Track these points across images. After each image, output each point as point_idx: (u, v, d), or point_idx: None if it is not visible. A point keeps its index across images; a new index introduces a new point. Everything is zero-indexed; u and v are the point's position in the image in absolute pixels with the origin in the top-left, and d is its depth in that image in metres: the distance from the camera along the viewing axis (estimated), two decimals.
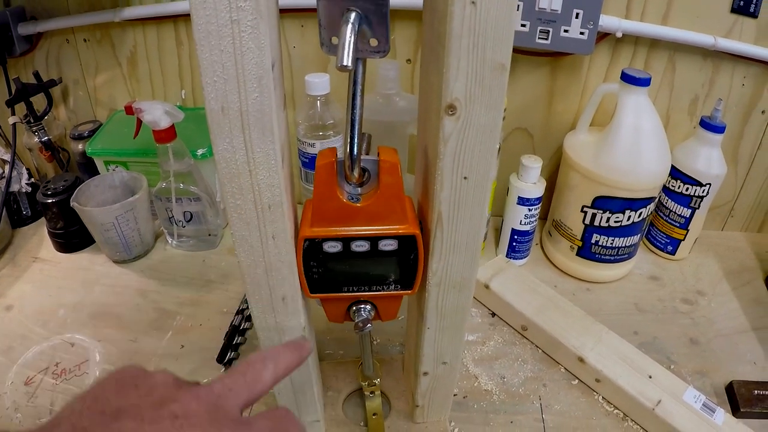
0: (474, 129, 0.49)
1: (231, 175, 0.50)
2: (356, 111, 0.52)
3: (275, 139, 0.48)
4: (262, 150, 0.48)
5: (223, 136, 0.47)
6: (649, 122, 0.99)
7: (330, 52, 0.50)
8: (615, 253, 1.09)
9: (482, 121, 0.49)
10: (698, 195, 1.10)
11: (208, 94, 0.45)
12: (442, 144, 0.50)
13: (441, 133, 0.49)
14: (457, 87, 0.47)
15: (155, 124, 1.00)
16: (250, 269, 0.57)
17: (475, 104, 0.48)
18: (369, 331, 0.66)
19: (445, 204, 0.54)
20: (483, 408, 0.87)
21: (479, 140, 0.50)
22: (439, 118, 0.48)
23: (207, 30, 0.42)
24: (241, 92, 0.45)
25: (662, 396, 0.83)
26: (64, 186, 1.11)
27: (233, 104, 0.46)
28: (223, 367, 0.91)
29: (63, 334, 0.98)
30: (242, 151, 0.48)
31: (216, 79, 0.44)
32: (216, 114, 0.46)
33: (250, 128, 0.47)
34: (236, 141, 0.48)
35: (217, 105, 0.46)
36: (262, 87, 0.45)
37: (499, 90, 0.48)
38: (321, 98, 0.96)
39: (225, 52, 0.43)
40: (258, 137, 0.48)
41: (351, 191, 0.56)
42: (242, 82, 0.45)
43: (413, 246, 0.58)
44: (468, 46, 0.45)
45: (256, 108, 0.46)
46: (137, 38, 1.18)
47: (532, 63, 1.10)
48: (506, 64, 0.46)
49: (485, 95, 0.48)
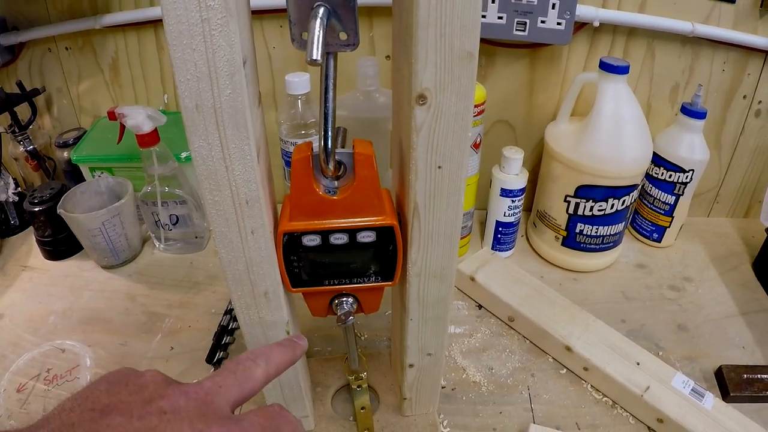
0: (445, 118, 0.50)
1: (208, 172, 0.50)
2: (329, 105, 0.52)
3: (250, 134, 0.48)
4: (237, 146, 0.49)
5: (198, 134, 0.48)
6: (629, 110, 0.99)
7: (301, 48, 0.51)
8: (600, 242, 1.09)
9: (453, 110, 0.49)
10: (682, 181, 1.11)
11: (182, 92, 0.45)
12: (415, 134, 0.50)
13: (413, 123, 0.49)
14: (426, 77, 0.47)
15: (138, 129, 1.00)
16: (231, 265, 0.58)
17: (446, 93, 0.48)
18: (352, 324, 0.66)
19: (420, 194, 0.54)
20: (472, 399, 0.88)
21: (451, 129, 0.51)
22: (410, 108, 0.49)
23: (178, 30, 0.43)
24: (214, 90, 0.45)
25: (651, 382, 0.84)
26: (51, 194, 1.11)
27: (207, 102, 0.46)
28: (212, 367, 0.91)
29: (53, 340, 0.98)
30: (218, 147, 0.49)
31: (189, 77, 0.45)
32: (190, 112, 0.47)
33: (224, 125, 0.47)
34: (211, 138, 0.48)
35: (191, 103, 0.46)
36: (234, 84, 0.45)
37: (469, 78, 0.48)
38: (302, 97, 0.97)
39: (197, 51, 0.43)
40: (233, 133, 0.48)
41: (327, 184, 0.57)
42: (215, 79, 0.45)
43: (391, 237, 0.58)
44: (435, 36, 0.45)
45: (230, 105, 0.46)
46: (118, 44, 1.18)
47: (510, 55, 1.10)
48: (474, 53, 0.47)
49: (455, 84, 0.48)
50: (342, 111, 0.97)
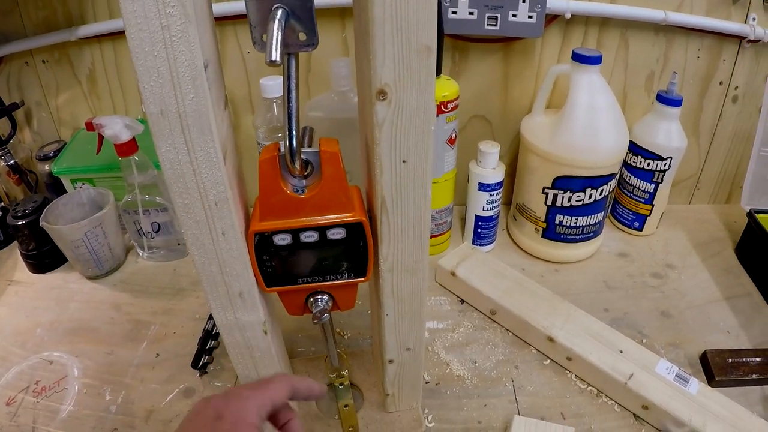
0: (406, 112, 0.50)
1: (176, 176, 0.51)
2: (292, 104, 0.52)
3: (215, 137, 0.49)
4: (203, 149, 0.49)
5: (164, 139, 0.48)
6: (604, 100, 1.00)
7: (262, 50, 0.51)
8: (580, 233, 1.10)
9: (414, 105, 0.50)
10: (660, 169, 1.12)
11: (147, 98, 0.46)
12: (377, 129, 0.51)
13: (375, 119, 0.50)
14: (385, 72, 0.48)
15: (116, 138, 1.00)
16: (205, 267, 0.58)
17: (405, 88, 0.49)
18: (330, 322, 0.67)
19: (387, 188, 0.55)
20: (456, 394, 0.88)
21: (413, 123, 0.51)
22: (372, 104, 0.49)
23: (140, 38, 0.43)
24: (177, 94, 0.46)
25: (634, 370, 0.84)
26: (33, 207, 1.11)
27: (171, 107, 0.47)
28: (198, 371, 0.92)
29: (41, 352, 0.98)
30: (184, 151, 0.49)
31: (152, 83, 0.45)
32: (156, 117, 0.47)
33: (189, 129, 0.48)
34: (177, 142, 0.49)
35: (156, 109, 0.47)
36: (197, 88, 0.46)
37: (428, 72, 0.49)
38: (277, 100, 0.97)
39: (158, 57, 0.44)
40: (198, 137, 0.49)
41: (296, 183, 0.57)
42: (177, 84, 0.46)
43: (361, 233, 0.59)
44: (392, 31, 0.46)
45: (193, 108, 0.47)
46: (95, 55, 1.18)
47: (484, 50, 1.11)
48: (432, 47, 0.47)
49: (414, 78, 0.49)
50: (317, 112, 0.98)
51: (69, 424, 0.85)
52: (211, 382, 0.91)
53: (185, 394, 0.89)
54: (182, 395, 0.89)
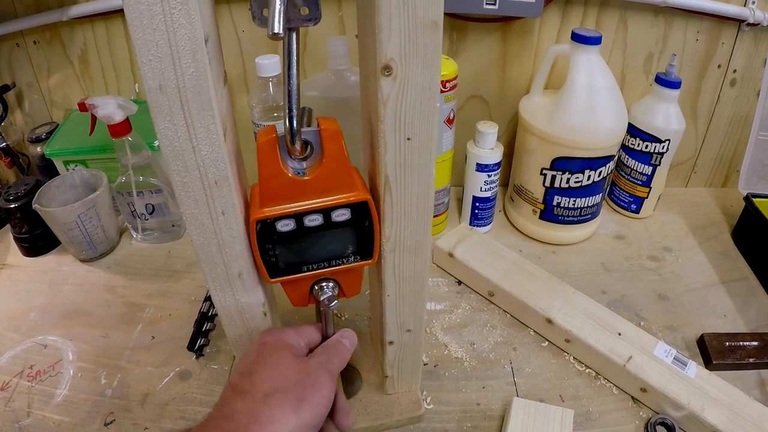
0: (412, 88, 0.49)
1: (175, 154, 0.50)
2: (292, 81, 0.51)
3: (215, 113, 0.48)
4: (202, 125, 0.48)
5: (163, 115, 0.47)
6: (603, 80, 0.99)
7: (262, 25, 0.50)
8: (578, 214, 1.10)
9: (420, 81, 0.49)
10: (658, 152, 1.11)
11: (145, 73, 0.45)
12: (382, 105, 0.50)
13: (379, 95, 0.49)
14: (390, 47, 0.47)
15: (109, 119, 0.99)
16: (204, 247, 0.57)
17: (411, 63, 0.48)
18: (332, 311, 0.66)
19: (390, 166, 0.54)
20: (454, 375, 0.88)
21: (418, 100, 0.50)
22: (376, 80, 0.48)
23: (138, 10, 0.42)
24: (176, 69, 0.45)
25: (633, 352, 0.84)
26: (26, 190, 1.10)
27: (170, 81, 0.46)
28: (194, 354, 0.91)
29: (35, 336, 0.97)
30: (183, 127, 0.48)
31: (151, 58, 0.44)
32: (154, 93, 0.46)
33: (189, 104, 0.47)
34: (176, 118, 0.48)
35: (154, 83, 0.45)
36: (197, 62, 0.45)
37: (434, 48, 0.48)
38: (273, 79, 0.96)
39: (158, 30, 0.43)
40: (198, 113, 0.48)
41: (296, 166, 0.56)
42: (177, 58, 0.44)
43: (367, 213, 0.58)
44: (398, 5, 0.45)
45: (193, 83, 0.46)
46: (86, 36, 1.16)
47: (482, 29, 1.10)
48: (438, 22, 0.46)
49: (420, 54, 0.48)
50: (314, 91, 0.96)
51: (64, 409, 0.84)
52: (207, 365, 0.90)
53: (181, 376, 0.88)
54: (178, 378, 0.88)
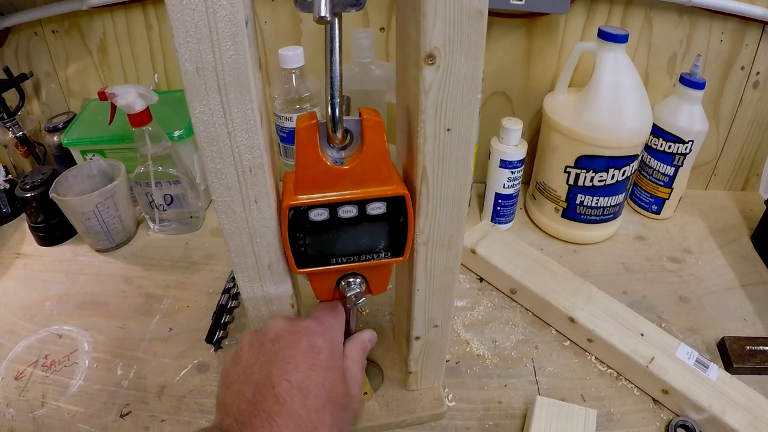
0: (455, 78, 0.49)
1: (209, 139, 0.49)
2: (335, 68, 0.50)
3: (253, 98, 0.47)
4: (240, 110, 0.48)
5: (199, 99, 0.47)
6: (629, 79, 0.98)
7: (304, 9, 0.49)
8: (600, 213, 1.09)
9: (463, 71, 0.48)
10: (681, 152, 1.10)
11: (182, 55, 0.44)
12: (423, 95, 0.49)
13: (421, 84, 0.48)
14: (435, 35, 0.46)
15: (130, 108, 0.98)
16: (235, 237, 0.57)
17: (455, 53, 0.47)
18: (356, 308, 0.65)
19: (429, 157, 0.53)
20: (476, 373, 0.87)
21: (461, 90, 0.49)
22: (418, 69, 0.48)
23: None
24: (215, 51, 0.44)
25: (655, 353, 0.83)
26: (42, 179, 1.09)
27: (208, 64, 0.45)
28: (212, 347, 0.90)
29: (50, 326, 0.97)
30: (219, 112, 0.48)
31: (189, 39, 0.43)
32: (191, 76, 0.45)
33: (226, 88, 0.46)
34: (213, 102, 0.47)
35: (191, 66, 0.45)
36: (236, 45, 0.44)
37: (478, 37, 0.47)
38: (296, 71, 0.95)
39: (197, 11, 0.42)
40: (235, 97, 0.47)
41: (335, 155, 0.55)
42: (216, 40, 0.44)
43: (402, 208, 0.56)
44: None
45: (232, 67, 0.45)
46: (106, 25, 1.16)
47: (507, 25, 1.09)
48: (483, 11, 0.46)
49: (464, 43, 0.47)
50: None
51: (79, 399, 0.84)
52: (226, 357, 0.89)
53: (199, 369, 0.88)
54: (196, 370, 0.88)
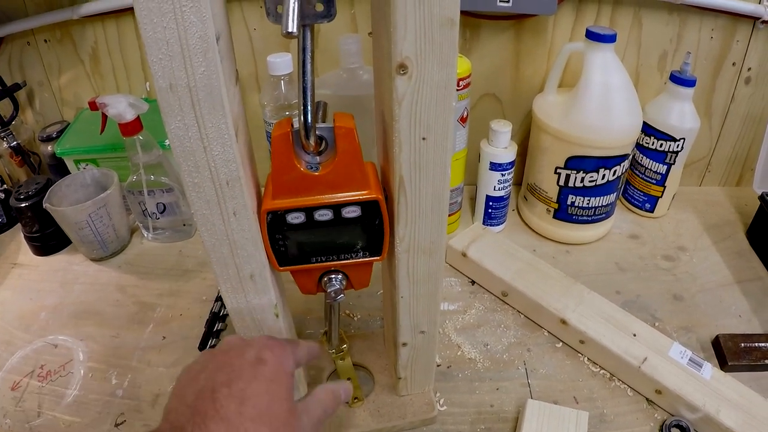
0: (428, 87, 0.48)
1: (186, 153, 0.49)
2: (307, 78, 0.51)
3: (226, 113, 0.47)
4: (214, 125, 0.48)
5: (173, 115, 0.47)
6: (618, 79, 0.98)
7: (276, 22, 0.49)
8: (592, 213, 1.09)
9: (436, 79, 0.48)
10: (673, 150, 1.10)
11: (155, 72, 0.44)
12: (397, 105, 0.49)
13: (394, 94, 0.48)
14: (406, 46, 0.46)
15: (120, 117, 0.99)
16: (216, 249, 0.57)
17: (427, 62, 0.47)
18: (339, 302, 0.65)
19: (405, 166, 0.53)
20: (468, 377, 0.87)
21: (434, 99, 0.49)
22: (391, 79, 0.48)
23: (148, 8, 0.41)
24: (187, 68, 0.44)
25: (647, 353, 0.83)
26: (36, 189, 1.09)
27: (181, 81, 0.45)
28: None
29: (45, 336, 0.97)
30: (194, 128, 0.48)
31: (161, 56, 0.43)
32: (165, 92, 0.45)
33: (200, 104, 0.46)
34: (187, 118, 0.47)
35: (165, 83, 0.45)
36: (208, 61, 0.44)
37: (450, 46, 0.47)
38: (285, 78, 0.95)
39: (168, 29, 0.42)
40: (209, 113, 0.47)
41: (309, 160, 0.55)
42: (187, 57, 0.44)
43: (377, 211, 0.57)
44: (414, 3, 0.44)
45: (204, 83, 0.45)
46: (97, 34, 1.16)
47: (495, 27, 1.09)
48: (455, 19, 0.45)
49: (436, 52, 0.47)
50: (326, 89, 0.96)
51: (75, 409, 0.84)
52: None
53: None
54: None
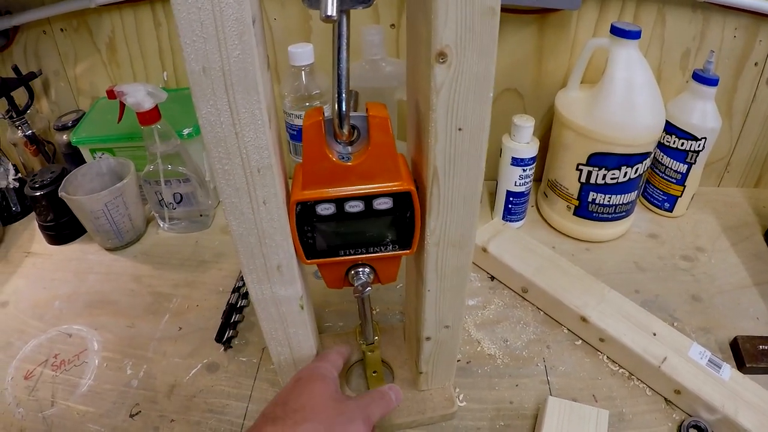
0: (466, 77, 0.48)
1: (217, 140, 0.48)
2: (342, 65, 0.50)
3: (261, 98, 0.47)
4: (247, 110, 0.47)
5: (206, 99, 0.46)
6: (642, 75, 0.97)
7: (312, 6, 0.48)
8: (612, 211, 1.08)
9: (475, 69, 0.47)
10: (694, 150, 1.09)
11: (188, 55, 0.43)
12: (434, 94, 0.48)
13: (432, 82, 0.47)
14: (446, 34, 0.45)
15: (139, 106, 0.98)
16: (243, 238, 0.56)
17: (467, 51, 0.46)
18: (368, 296, 0.65)
19: (440, 157, 0.52)
20: (487, 372, 0.87)
21: (472, 89, 0.48)
22: (429, 67, 0.47)
23: None
24: (222, 51, 0.43)
25: (667, 353, 0.82)
26: (51, 178, 1.09)
27: (215, 64, 0.44)
28: (222, 346, 0.90)
29: (59, 325, 0.97)
30: (227, 112, 0.47)
31: (195, 38, 0.43)
32: (197, 76, 0.45)
33: (233, 88, 0.46)
34: (220, 102, 0.46)
35: (197, 66, 0.44)
36: (243, 44, 0.43)
37: (491, 36, 0.46)
38: (305, 68, 0.95)
39: (203, 9, 0.41)
40: (242, 97, 0.46)
41: (341, 150, 0.54)
42: (222, 39, 0.43)
43: (409, 203, 0.56)
44: None
45: (239, 66, 0.44)
46: (114, 23, 1.15)
47: (518, 22, 1.08)
48: (496, 8, 0.45)
49: (476, 41, 0.46)
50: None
51: (89, 399, 0.84)
52: (235, 357, 0.89)
53: (209, 368, 0.87)
54: (206, 370, 0.87)
